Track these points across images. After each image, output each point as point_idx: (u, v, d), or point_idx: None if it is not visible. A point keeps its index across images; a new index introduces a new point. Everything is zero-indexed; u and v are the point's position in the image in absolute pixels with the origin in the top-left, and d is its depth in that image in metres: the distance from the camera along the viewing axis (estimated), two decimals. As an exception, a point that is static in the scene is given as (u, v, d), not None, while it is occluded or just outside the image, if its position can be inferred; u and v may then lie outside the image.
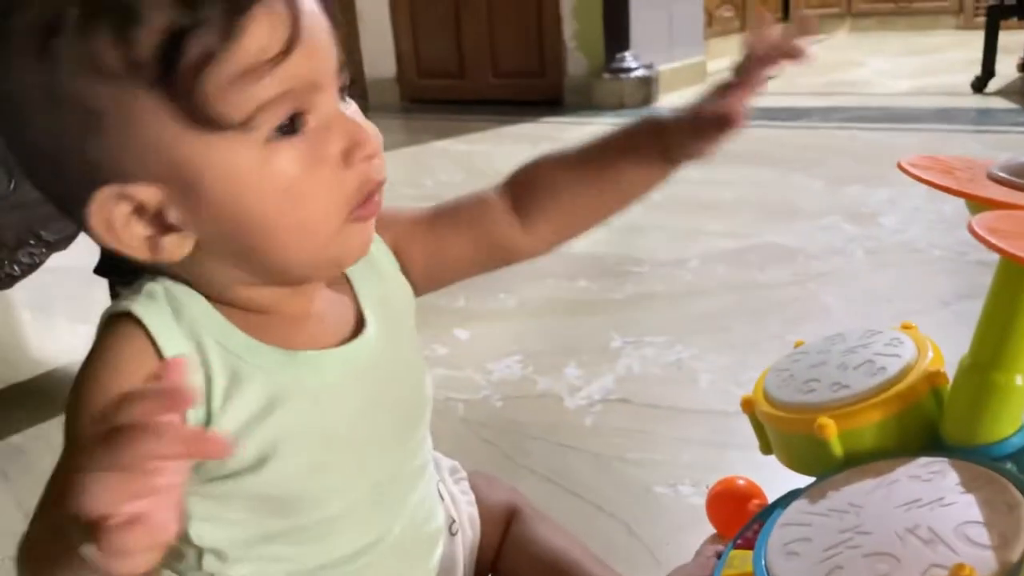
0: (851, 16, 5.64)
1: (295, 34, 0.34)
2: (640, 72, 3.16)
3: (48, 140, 0.35)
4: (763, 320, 1.17)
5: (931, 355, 0.54)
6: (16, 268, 1.01)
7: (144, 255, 0.37)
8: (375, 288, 0.46)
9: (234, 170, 0.35)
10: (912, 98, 2.92)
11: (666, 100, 3.24)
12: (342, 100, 0.39)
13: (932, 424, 0.52)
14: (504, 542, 0.57)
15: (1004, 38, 2.84)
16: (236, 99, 0.34)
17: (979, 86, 2.86)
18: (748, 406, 0.59)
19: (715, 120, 0.45)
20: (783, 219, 1.62)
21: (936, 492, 0.45)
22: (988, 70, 2.85)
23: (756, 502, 0.58)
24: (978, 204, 0.45)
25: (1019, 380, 0.47)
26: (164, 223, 0.36)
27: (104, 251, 1.19)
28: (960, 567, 0.39)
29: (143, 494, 0.26)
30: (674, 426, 0.91)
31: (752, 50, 0.44)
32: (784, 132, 2.51)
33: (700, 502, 0.70)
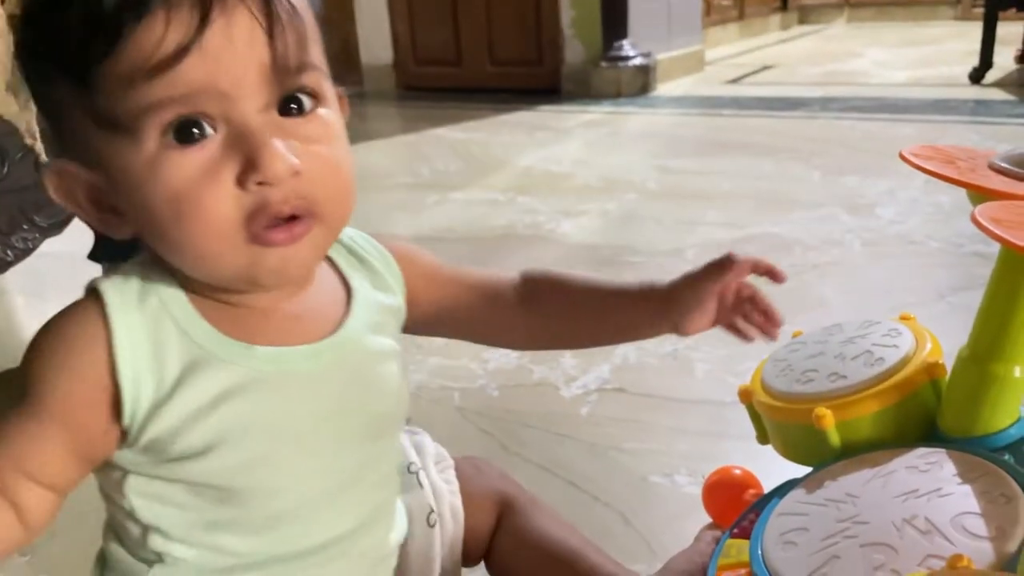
0: (849, 6, 5.63)
1: (190, 41, 0.33)
2: (638, 60, 3.14)
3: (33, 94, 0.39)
4: (760, 310, 1.17)
5: (929, 346, 0.53)
6: (9, 253, 1.00)
7: (100, 227, 0.38)
8: (372, 298, 0.45)
9: (130, 171, 0.36)
10: (910, 89, 2.92)
11: (664, 89, 3.23)
12: (292, 115, 0.37)
13: (930, 415, 0.52)
14: (498, 531, 0.56)
15: (1002, 29, 2.84)
16: (123, 100, 0.34)
17: (977, 77, 2.86)
18: (745, 396, 0.59)
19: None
20: (780, 209, 1.62)
21: (933, 483, 0.45)
22: (986, 61, 2.84)
23: (752, 492, 0.58)
24: (979, 194, 0.45)
25: (1017, 371, 0.47)
26: (106, 203, 0.38)
27: (98, 236, 1.19)
28: (957, 558, 0.39)
29: None
30: (670, 416, 0.91)
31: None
32: (782, 122, 2.50)
33: (696, 491, 0.70)
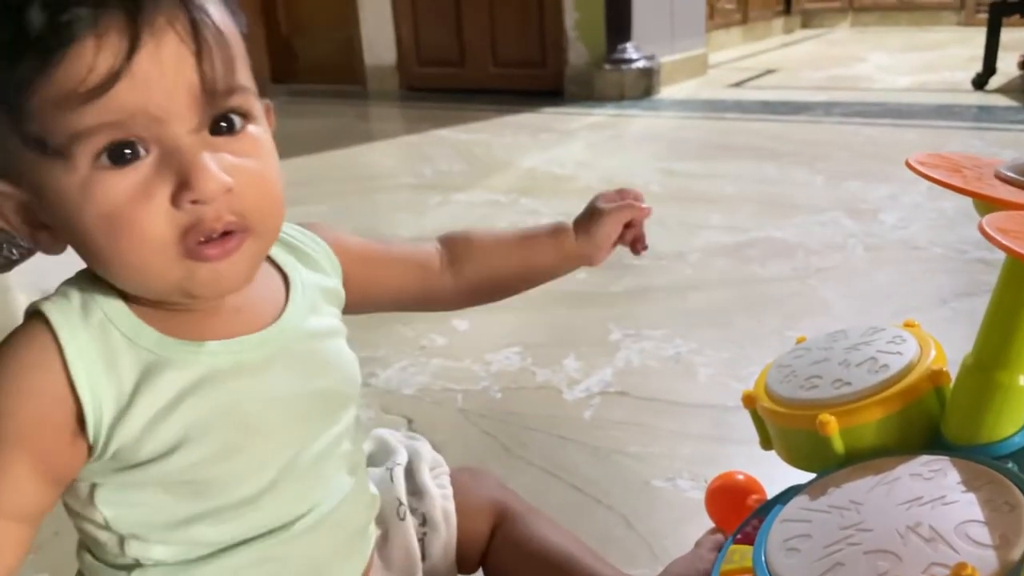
0: (853, 11, 5.63)
1: (120, 66, 0.34)
2: (641, 63, 3.15)
3: None
4: (763, 315, 1.17)
5: (933, 353, 0.53)
6: (14, 252, 1.00)
7: (31, 242, 0.39)
8: (309, 281, 0.47)
9: (61, 192, 0.36)
10: (913, 94, 2.92)
11: (667, 92, 3.23)
12: (224, 133, 0.38)
13: (934, 422, 0.52)
14: (494, 539, 0.56)
15: (1006, 35, 2.84)
16: (53, 125, 0.34)
17: (980, 83, 2.86)
18: (749, 401, 0.59)
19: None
20: (783, 214, 1.62)
21: (937, 490, 0.45)
22: (989, 67, 2.84)
23: (755, 497, 0.58)
24: (985, 203, 0.45)
25: (1022, 380, 0.47)
26: (36, 220, 0.38)
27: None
28: (962, 566, 0.39)
29: None
30: (673, 420, 0.91)
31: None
32: (785, 126, 2.50)
33: (698, 496, 0.70)
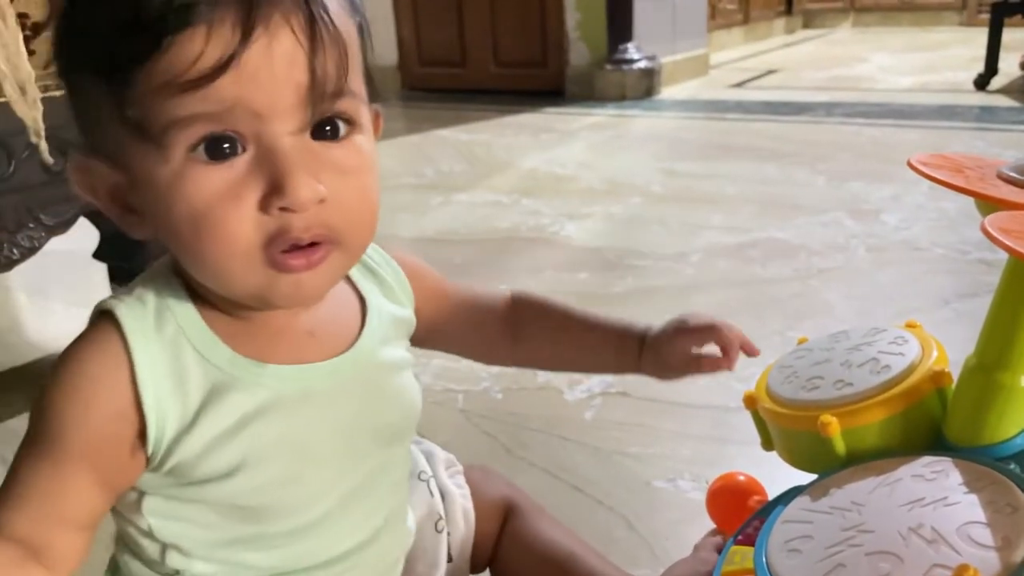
0: (854, 11, 5.63)
1: (229, 57, 0.33)
2: (643, 64, 3.14)
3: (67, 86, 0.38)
4: (764, 316, 1.16)
5: (935, 354, 0.53)
6: (15, 251, 1.00)
7: (116, 220, 0.38)
8: (385, 310, 0.46)
9: (153, 180, 0.35)
10: (915, 94, 2.92)
11: (668, 92, 3.23)
12: (325, 139, 0.36)
13: (936, 423, 0.52)
14: (502, 537, 0.56)
15: (1007, 36, 2.84)
16: (153, 111, 0.33)
17: (982, 83, 2.86)
18: (750, 402, 0.59)
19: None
20: (785, 214, 1.62)
21: (939, 492, 0.45)
22: (991, 67, 2.84)
23: (757, 498, 0.58)
24: (988, 204, 0.45)
25: (1024, 381, 0.47)
26: (127, 202, 0.37)
27: (104, 235, 1.19)
28: (964, 568, 0.39)
29: None
30: (674, 420, 0.91)
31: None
32: (787, 127, 2.50)
33: (700, 497, 0.70)
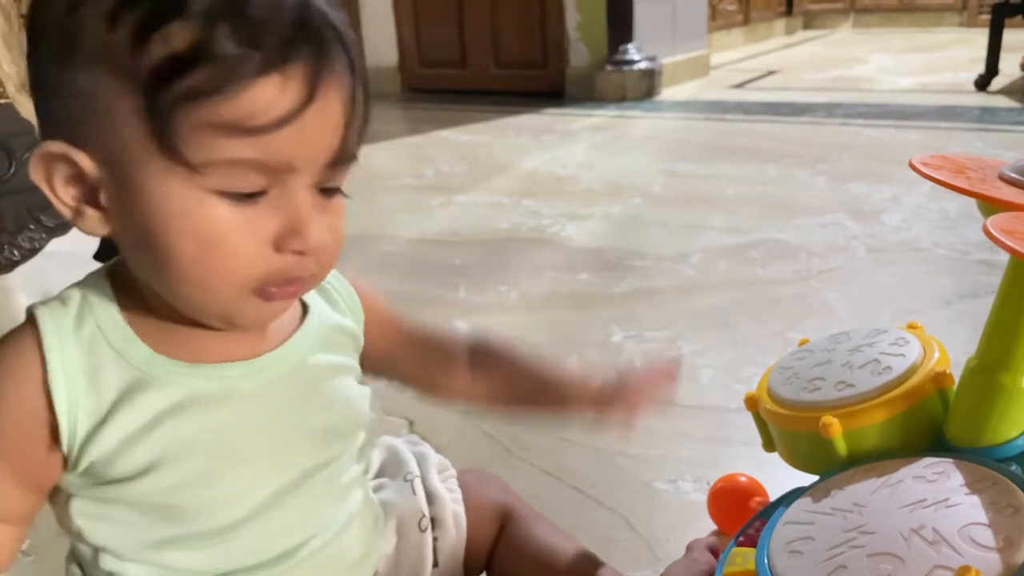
0: (855, 12, 5.63)
1: (291, 115, 0.34)
2: (643, 64, 3.14)
3: (44, 72, 0.37)
4: (765, 316, 1.16)
5: (937, 355, 0.53)
6: (15, 253, 1.00)
7: (68, 215, 0.38)
8: (327, 317, 0.46)
9: (168, 198, 0.35)
10: (915, 95, 2.92)
11: (668, 93, 3.23)
12: (323, 194, 0.38)
13: (937, 425, 0.52)
14: (499, 542, 0.56)
15: (1008, 36, 2.83)
16: (202, 144, 0.34)
17: (982, 84, 2.86)
18: (752, 403, 0.59)
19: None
20: (786, 215, 1.62)
21: (941, 493, 0.45)
22: (992, 68, 2.84)
23: (758, 499, 0.58)
24: (989, 205, 0.45)
25: (1026, 382, 0.47)
26: (93, 198, 0.37)
27: (104, 237, 1.19)
28: (965, 569, 0.39)
29: None
30: (675, 422, 0.91)
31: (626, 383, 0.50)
32: (787, 128, 2.50)
33: (701, 498, 0.70)
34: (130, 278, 0.40)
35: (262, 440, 0.41)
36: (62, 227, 1.05)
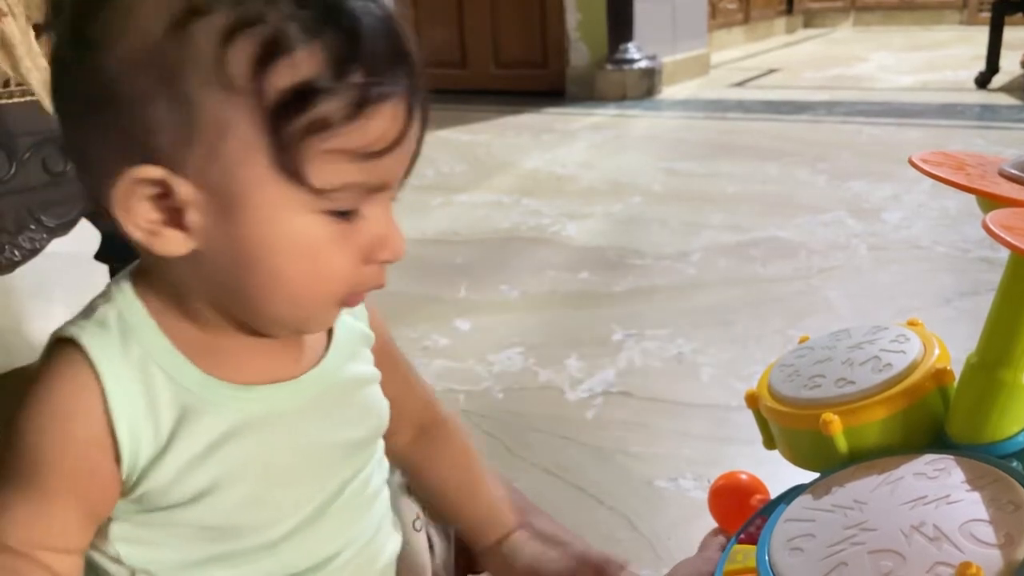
0: (855, 10, 5.63)
1: (399, 139, 0.36)
2: (643, 63, 3.14)
3: (127, 91, 0.34)
4: (765, 314, 1.16)
5: (937, 352, 0.53)
6: (16, 253, 1.00)
7: (139, 236, 0.36)
8: (350, 325, 0.46)
9: (279, 220, 0.35)
10: (916, 93, 2.92)
11: (669, 92, 3.23)
12: (393, 200, 0.40)
13: (938, 421, 0.52)
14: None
15: (1008, 34, 2.83)
16: (325, 169, 0.34)
17: (983, 82, 2.86)
18: (752, 401, 0.59)
19: None
20: (786, 213, 1.62)
21: (942, 490, 0.45)
22: (992, 66, 2.84)
23: (759, 497, 0.58)
24: (990, 201, 0.45)
25: (1026, 378, 0.47)
26: (179, 219, 0.36)
27: (105, 237, 1.19)
28: (967, 565, 0.39)
29: None
30: (675, 420, 0.91)
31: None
32: (787, 126, 2.50)
33: (701, 496, 0.70)
34: (167, 295, 0.39)
35: (307, 458, 0.42)
36: (63, 227, 1.05)
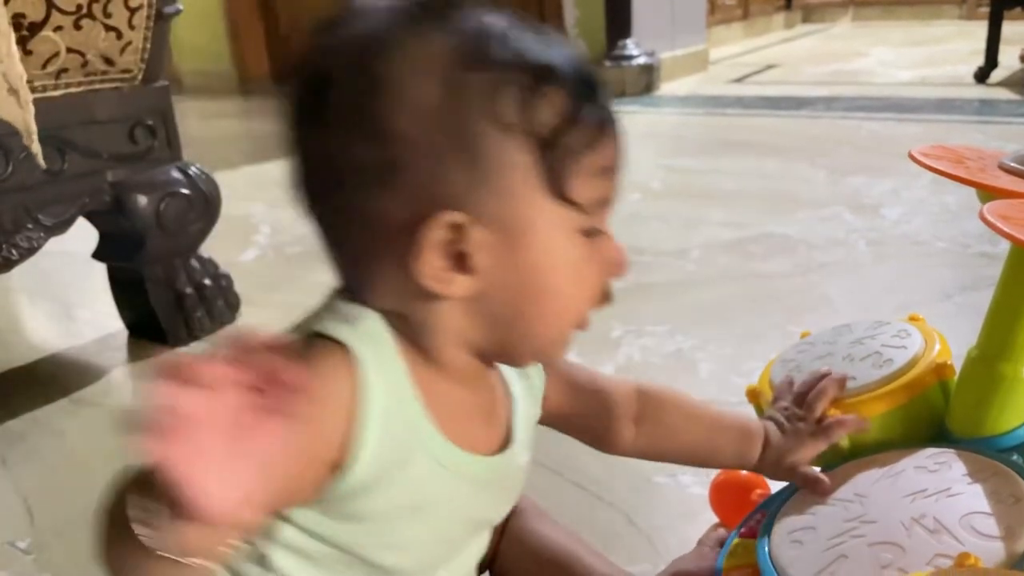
0: (854, 5, 5.62)
1: (620, 155, 0.41)
2: (642, 60, 3.14)
3: (419, 152, 0.37)
4: (764, 310, 1.16)
5: (938, 347, 0.53)
6: (14, 252, 1.00)
7: (431, 285, 0.38)
8: (529, 413, 0.48)
9: (555, 239, 0.39)
10: (915, 88, 2.91)
11: (668, 88, 3.22)
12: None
13: (938, 415, 0.52)
14: (501, 537, 0.56)
15: (1007, 29, 2.83)
16: (583, 185, 0.39)
17: (982, 77, 2.85)
18: (753, 396, 0.59)
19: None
20: (785, 209, 1.61)
21: (942, 483, 0.45)
22: (991, 61, 2.84)
23: (759, 492, 0.58)
24: (989, 194, 0.45)
25: (1027, 371, 0.47)
26: (465, 263, 0.38)
27: (103, 235, 1.19)
28: (965, 556, 0.39)
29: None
30: (675, 415, 0.90)
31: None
32: (787, 121, 2.50)
33: (700, 492, 0.70)
34: (414, 342, 0.40)
35: (466, 528, 0.46)
36: (60, 226, 1.05)
